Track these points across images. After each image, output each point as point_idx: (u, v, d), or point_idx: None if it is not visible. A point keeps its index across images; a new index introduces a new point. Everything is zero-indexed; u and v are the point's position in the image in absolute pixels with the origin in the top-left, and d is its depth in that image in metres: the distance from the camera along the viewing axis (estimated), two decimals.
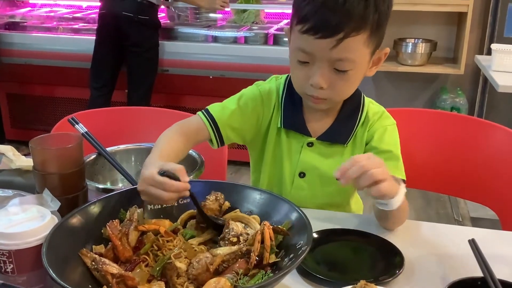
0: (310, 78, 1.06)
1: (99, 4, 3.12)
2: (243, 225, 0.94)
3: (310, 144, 1.19)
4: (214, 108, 1.19)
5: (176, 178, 0.92)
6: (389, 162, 1.13)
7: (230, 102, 1.21)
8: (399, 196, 0.98)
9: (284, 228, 0.91)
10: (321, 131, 1.18)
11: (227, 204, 1.01)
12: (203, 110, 1.19)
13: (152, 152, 1.05)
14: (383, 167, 0.93)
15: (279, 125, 1.20)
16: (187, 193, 0.94)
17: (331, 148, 1.19)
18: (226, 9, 3.33)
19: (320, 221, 1.11)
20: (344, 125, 1.18)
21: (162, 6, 3.36)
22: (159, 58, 3.22)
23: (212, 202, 0.97)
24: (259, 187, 1.21)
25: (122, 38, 3.05)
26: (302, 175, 1.21)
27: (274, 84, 1.23)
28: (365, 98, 1.21)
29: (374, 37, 1.04)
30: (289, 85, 1.20)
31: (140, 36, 3.06)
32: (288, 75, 1.21)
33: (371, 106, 1.21)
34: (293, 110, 1.19)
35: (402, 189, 1.00)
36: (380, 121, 1.19)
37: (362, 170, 0.91)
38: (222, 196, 1.00)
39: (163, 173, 0.92)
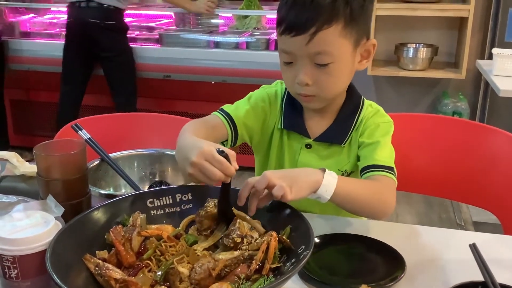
0: (296, 77, 1.09)
1: None
2: (250, 226, 0.94)
3: (308, 146, 1.21)
4: (229, 107, 1.22)
5: (228, 162, 0.92)
6: (372, 151, 1.14)
7: (242, 103, 1.24)
8: (326, 186, 0.98)
9: (288, 240, 0.90)
10: (319, 133, 1.20)
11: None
12: (218, 110, 1.21)
13: (185, 138, 1.03)
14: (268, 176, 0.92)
15: (279, 126, 1.22)
16: (228, 180, 0.93)
17: (329, 149, 1.21)
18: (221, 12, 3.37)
19: (322, 226, 1.11)
20: (342, 126, 1.20)
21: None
22: (135, 63, 3.28)
23: (212, 208, 0.98)
24: None
25: (91, 45, 3.11)
26: None
27: (279, 88, 1.27)
28: (365, 101, 1.23)
29: (351, 29, 1.06)
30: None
31: (108, 42, 3.12)
32: None
33: (369, 108, 1.22)
34: (293, 112, 1.22)
35: (328, 176, 0.99)
36: (373, 118, 1.20)
37: (249, 186, 0.93)
38: None
39: (220, 153, 0.91)
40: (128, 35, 3.28)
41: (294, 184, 0.95)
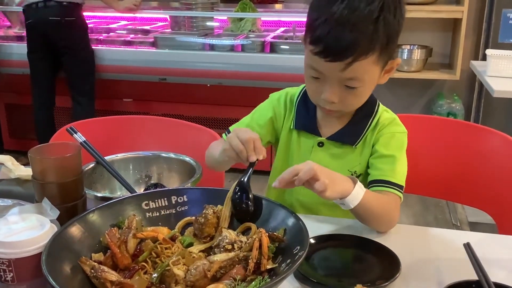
0: (321, 93, 1.10)
1: (89, 13, 3.16)
2: (235, 232, 0.95)
3: (320, 144, 1.22)
4: (233, 126, 1.28)
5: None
6: (387, 166, 1.15)
7: (245, 118, 1.31)
8: (354, 196, 1.01)
9: (280, 235, 0.92)
10: (332, 133, 1.22)
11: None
12: (225, 132, 1.27)
13: (214, 143, 1.25)
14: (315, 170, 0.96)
15: (292, 127, 1.25)
16: (255, 158, 1.00)
17: (341, 148, 1.22)
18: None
19: (317, 226, 1.12)
20: (355, 128, 1.21)
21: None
22: (95, 64, 3.31)
23: (212, 216, 0.98)
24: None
25: (53, 44, 3.15)
26: None
27: (285, 91, 1.30)
28: (380, 105, 1.24)
29: (384, 55, 1.07)
30: (305, 92, 1.24)
31: (71, 38, 3.17)
32: (305, 85, 1.25)
33: (384, 113, 1.23)
34: (306, 113, 1.24)
35: (358, 188, 1.02)
36: (390, 127, 1.21)
37: (294, 173, 0.96)
38: (219, 208, 1.01)
39: None
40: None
41: (332, 184, 0.97)
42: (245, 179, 1.01)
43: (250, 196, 1.00)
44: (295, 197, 1.26)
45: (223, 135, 1.27)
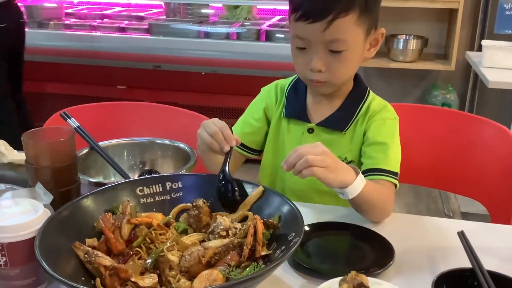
0: (308, 64, 1.11)
1: None
2: (230, 219, 0.94)
3: (310, 130, 1.22)
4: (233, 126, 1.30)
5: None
6: (380, 154, 1.15)
7: (242, 116, 1.33)
8: (354, 187, 1.01)
9: (275, 222, 0.91)
10: (321, 119, 1.22)
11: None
12: None
13: None
14: (324, 156, 0.97)
15: (282, 115, 1.26)
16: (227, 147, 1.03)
17: (331, 135, 1.22)
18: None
19: (312, 214, 1.12)
20: (345, 113, 1.21)
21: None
22: None
23: (204, 205, 0.97)
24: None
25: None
26: None
27: (276, 82, 1.31)
28: (371, 92, 1.24)
29: (365, 17, 1.08)
30: (295, 81, 1.27)
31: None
32: (296, 76, 1.27)
33: (375, 99, 1.24)
34: (296, 101, 1.25)
35: (360, 179, 1.02)
36: (381, 113, 1.21)
37: (300, 157, 0.96)
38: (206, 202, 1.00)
39: None
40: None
41: (333, 171, 0.98)
42: (226, 169, 1.02)
43: (235, 185, 1.00)
44: (287, 184, 1.26)
45: None
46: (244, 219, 0.97)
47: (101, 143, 1.29)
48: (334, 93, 1.21)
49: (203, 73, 3.29)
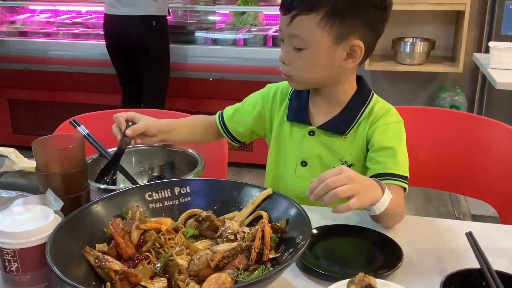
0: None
1: (98, 8, 3.14)
2: (238, 223, 0.95)
3: (311, 133, 1.23)
4: (227, 108, 1.40)
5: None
6: (388, 158, 1.15)
7: (240, 103, 1.38)
8: (382, 203, 1.00)
9: (282, 226, 0.92)
10: (322, 122, 1.22)
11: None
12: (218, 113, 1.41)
13: None
14: (351, 183, 0.94)
15: (284, 119, 1.27)
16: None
17: (332, 138, 1.22)
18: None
19: (320, 217, 1.12)
20: (346, 117, 1.21)
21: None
22: None
23: (209, 213, 0.96)
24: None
25: None
26: (304, 163, 1.24)
27: (282, 84, 1.32)
28: (375, 95, 1.24)
29: (332, 22, 1.08)
30: None
31: None
32: None
33: (378, 103, 1.22)
34: (298, 104, 1.26)
35: (386, 195, 1.01)
36: (384, 118, 1.20)
37: (327, 189, 0.93)
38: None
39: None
40: None
41: (364, 193, 0.96)
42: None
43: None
44: (290, 187, 1.26)
45: (217, 115, 1.40)
46: (251, 223, 0.98)
47: (110, 150, 1.30)
48: (334, 98, 1.21)
49: (210, 79, 3.31)
